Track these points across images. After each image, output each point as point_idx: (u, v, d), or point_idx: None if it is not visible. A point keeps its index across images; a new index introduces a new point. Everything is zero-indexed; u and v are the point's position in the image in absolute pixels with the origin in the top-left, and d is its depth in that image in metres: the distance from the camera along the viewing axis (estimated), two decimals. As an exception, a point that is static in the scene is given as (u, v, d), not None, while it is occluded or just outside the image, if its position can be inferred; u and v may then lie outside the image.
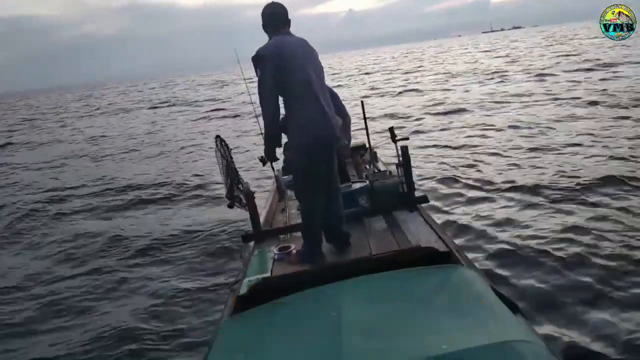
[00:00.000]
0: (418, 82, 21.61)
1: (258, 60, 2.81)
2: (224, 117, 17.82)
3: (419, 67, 33.58)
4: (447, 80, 20.44)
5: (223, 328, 2.17)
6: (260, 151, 4.52)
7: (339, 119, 3.17)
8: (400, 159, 3.59)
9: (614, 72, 15.39)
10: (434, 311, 1.93)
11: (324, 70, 3.04)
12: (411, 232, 3.17)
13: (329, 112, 2.89)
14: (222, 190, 4.27)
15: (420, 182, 5.94)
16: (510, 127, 9.25)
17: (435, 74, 24.55)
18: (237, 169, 3.52)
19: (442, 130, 10.22)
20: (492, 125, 9.67)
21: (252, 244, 3.56)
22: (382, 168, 4.78)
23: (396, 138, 3.78)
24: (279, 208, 4.50)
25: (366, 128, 5.07)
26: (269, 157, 3.08)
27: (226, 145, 3.45)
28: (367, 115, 4.80)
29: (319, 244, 3.07)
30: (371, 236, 3.25)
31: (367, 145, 5.11)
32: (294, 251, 3.11)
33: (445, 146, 8.48)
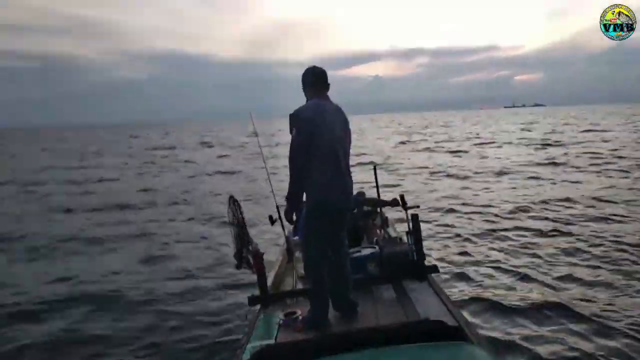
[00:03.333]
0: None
1: (295, 120, 2.88)
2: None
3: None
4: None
5: None
6: (271, 210, 4.56)
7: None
8: (411, 227, 3.59)
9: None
10: None
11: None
12: (420, 303, 3.10)
13: (348, 181, 2.99)
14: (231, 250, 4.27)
15: (430, 252, 5.86)
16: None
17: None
18: (248, 230, 3.53)
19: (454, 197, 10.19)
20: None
21: (258, 307, 3.51)
22: (393, 234, 4.75)
23: (407, 206, 3.79)
24: (287, 270, 4.46)
25: (377, 192, 5.10)
26: (287, 217, 3.06)
27: (238, 205, 3.50)
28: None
29: (326, 311, 3.01)
30: (379, 305, 3.19)
31: (379, 210, 5.13)
32: (300, 317, 3.05)
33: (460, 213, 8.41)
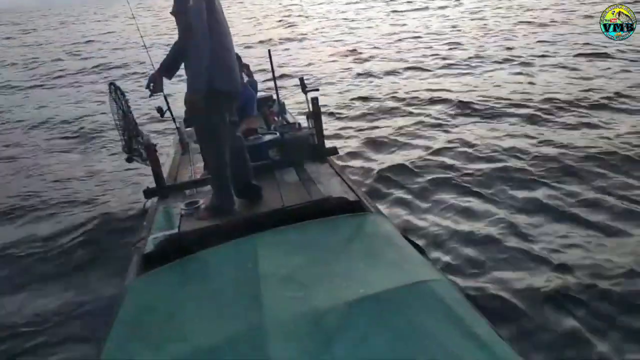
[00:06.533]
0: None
1: None
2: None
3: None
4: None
5: (131, 288, 2.03)
6: (158, 102, 4.19)
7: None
8: (311, 109, 3.55)
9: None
10: (348, 258, 1.97)
11: None
12: (322, 183, 3.19)
13: (233, 64, 2.76)
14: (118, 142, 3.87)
15: (328, 133, 5.96)
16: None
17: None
18: (136, 121, 3.22)
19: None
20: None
21: (155, 200, 3.36)
22: (291, 120, 4.72)
23: (306, 89, 3.72)
24: (183, 162, 4.28)
25: (274, 79, 4.93)
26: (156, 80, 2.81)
27: (122, 93, 3.13)
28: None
29: (230, 197, 2.95)
30: (282, 188, 3.22)
31: (275, 97, 5.01)
32: (203, 206, 2.98)
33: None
